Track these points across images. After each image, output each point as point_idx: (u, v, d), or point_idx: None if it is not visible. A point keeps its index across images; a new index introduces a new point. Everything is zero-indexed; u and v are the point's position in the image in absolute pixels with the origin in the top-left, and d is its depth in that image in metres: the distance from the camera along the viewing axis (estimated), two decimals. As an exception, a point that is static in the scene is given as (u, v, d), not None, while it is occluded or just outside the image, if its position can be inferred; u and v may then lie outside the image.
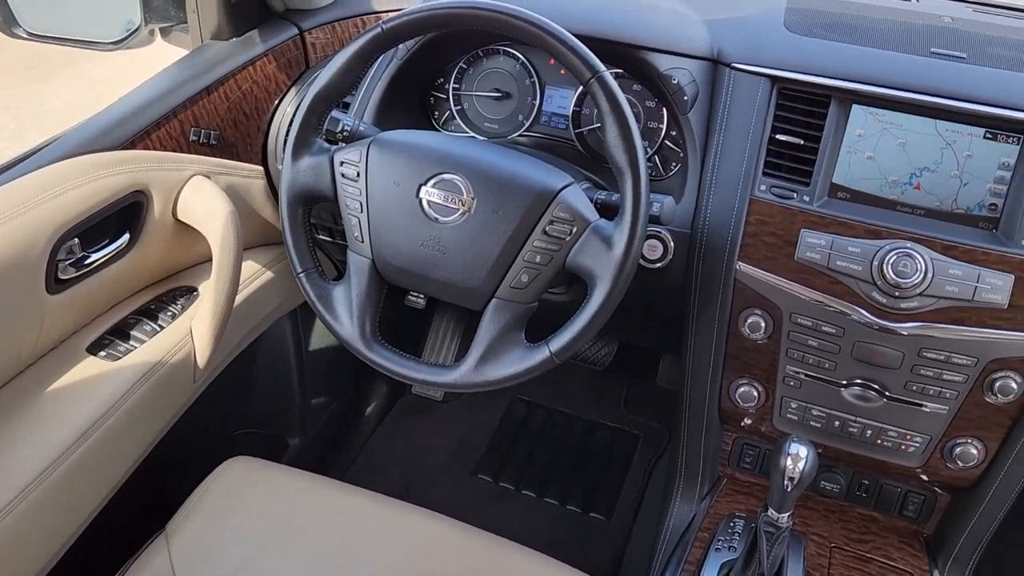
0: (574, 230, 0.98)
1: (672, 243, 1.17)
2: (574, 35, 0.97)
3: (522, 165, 1.03)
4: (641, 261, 1.19)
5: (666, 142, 1.28)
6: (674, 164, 1.28)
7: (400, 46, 1.28)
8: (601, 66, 0.96)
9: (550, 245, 0.99)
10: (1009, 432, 1.14)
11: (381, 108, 1.30)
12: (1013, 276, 1.05)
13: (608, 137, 0.97)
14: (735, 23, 1.23)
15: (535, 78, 1.34)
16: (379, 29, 1.02)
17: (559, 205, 0.99)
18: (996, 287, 1.05)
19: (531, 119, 1.35)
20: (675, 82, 1.17)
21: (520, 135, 1.37)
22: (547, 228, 0.99)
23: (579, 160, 1.28)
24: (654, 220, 1.04)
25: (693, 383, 1.29)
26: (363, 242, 1.06)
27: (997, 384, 1.10)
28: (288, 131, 1.10)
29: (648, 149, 1.28)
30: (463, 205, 1.01)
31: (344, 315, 1.08)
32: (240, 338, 1.41)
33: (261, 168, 1.43)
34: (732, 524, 1.23)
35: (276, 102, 1.42)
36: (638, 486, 1.89)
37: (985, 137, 1.08)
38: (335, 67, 1.04)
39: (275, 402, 1.75)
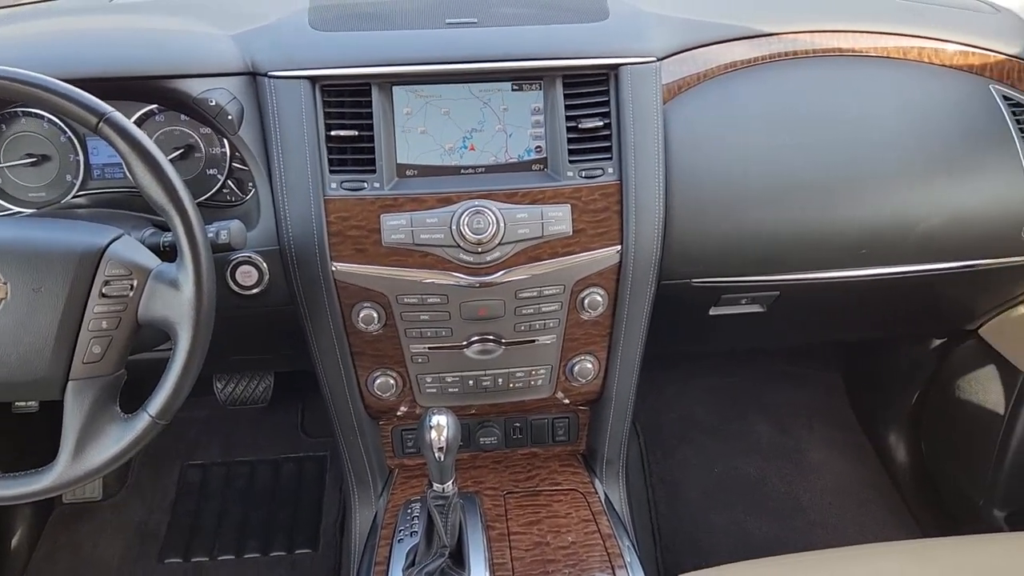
0: (135, 283, 0.91)
1: (265, 264, 1.14)
2: (76, 81, 0.89)
3: (55, 231, 0.93)
4: (240, 290, 1.14)
5: (235, 165, 1.24)
6: (250, 185, 1.24)
7: None
8: (105, 107, 0.89)
9: (113, 306, 0.91)
10: (610, 341, 1.29)
11: None
12: (569, 205, 1.16)
13: (138, 178, 0.90)
14: (262, 32, 1.22)
15: (70, 133, 1.22)
16: None
17: (109, 261, 0.91)
18: (558, 219, 1.16)
19: (81, 177, 1.24)
20: (213, 104, 1.13)
21: (75, 197, 1.24)
22: (104, 290, 0.90)
23: (149, 207, 1.19)
24: (224, 248, 1.00)
25: (332, 388, 1.29)
26: None
27: (586, 301, 1.22)
28: None
29: (219, 176, 1.24)
30: None
31: None
32: None
33: None
34: (409, 510, 1.25)
35: None
36: (336, 505, 1.85)
37: (513, 89, 1.18)
38: None
39: None
